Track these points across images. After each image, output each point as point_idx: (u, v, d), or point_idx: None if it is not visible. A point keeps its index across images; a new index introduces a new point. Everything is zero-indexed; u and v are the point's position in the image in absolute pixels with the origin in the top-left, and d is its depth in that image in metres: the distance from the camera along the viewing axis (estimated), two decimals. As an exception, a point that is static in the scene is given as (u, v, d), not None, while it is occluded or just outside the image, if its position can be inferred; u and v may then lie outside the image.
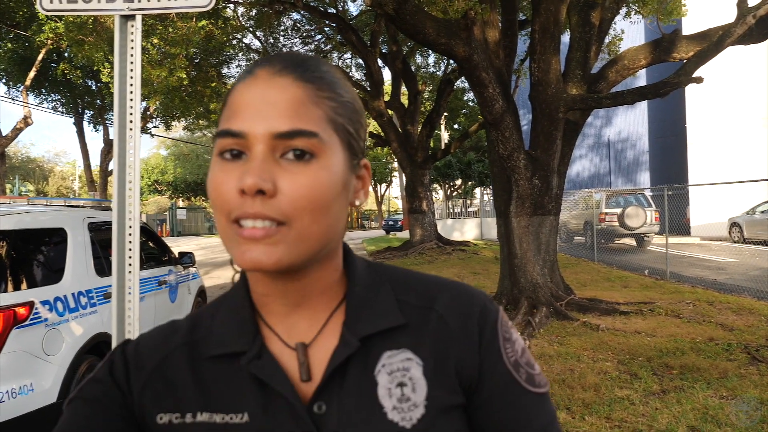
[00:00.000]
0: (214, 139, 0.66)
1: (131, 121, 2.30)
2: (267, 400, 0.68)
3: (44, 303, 3.89)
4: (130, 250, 2.29)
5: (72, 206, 5.49)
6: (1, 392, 3.46)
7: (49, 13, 2.30)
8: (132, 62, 2.32)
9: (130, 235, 2.28)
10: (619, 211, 17.57)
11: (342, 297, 0.73)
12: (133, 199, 2.28)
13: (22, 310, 3.67)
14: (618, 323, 7.00)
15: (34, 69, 21.30)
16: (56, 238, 4.37)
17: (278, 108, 0.63)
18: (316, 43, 21.39)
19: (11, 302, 3.63)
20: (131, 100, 2.30)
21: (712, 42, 6.45)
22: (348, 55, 22.53)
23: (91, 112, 28.71)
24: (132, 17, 2.32)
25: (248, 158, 0.63)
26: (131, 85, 2.31)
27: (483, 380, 0.70)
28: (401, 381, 0.68)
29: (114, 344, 2.36)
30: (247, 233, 0.61)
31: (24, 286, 3.84)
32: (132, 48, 2.32)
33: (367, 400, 0.67)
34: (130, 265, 2.29)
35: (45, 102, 26.53)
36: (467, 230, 27.04)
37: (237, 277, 0.77)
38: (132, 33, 2.32)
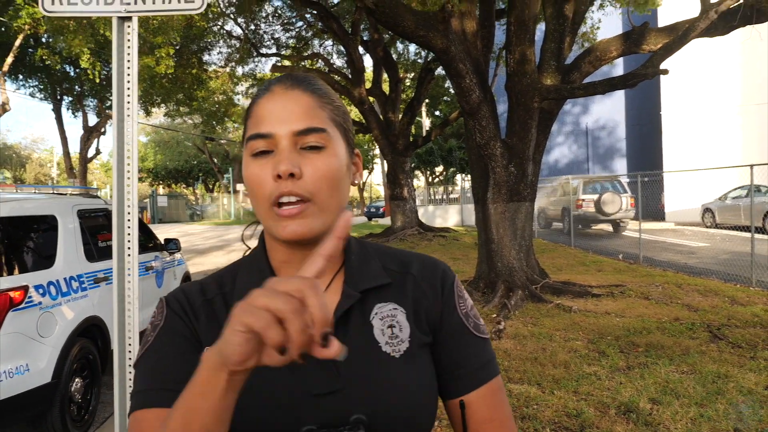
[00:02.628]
0: (245, 143, 0.86)
1: (128, 115, 2.48)
2: None
3: (37, 287, 4.04)
4: (128, 234, 2.47)
5: (60, 194, 5.61)
6: (-1, 372, 3.62)
7: (51, 15, 2.46)
8: (129, 60, 2.49)
9: (128, 220, 2.46)
10: (595, 197, 17.91)
11: (340, 264, 0.93)
12: (132, 188, 2.46)
13: (17, 294, 3.82)
14: (590, 305, 7.30)
15: (11, 55, 21.03)
16: (47, 224, 4.51)
17: (295, 113, 0.84)
18: (297, 30, 21.41)
19: (6, 286, 3.77)
20: (128, 96, 2.47)
21: (678, 35, 6.72)
22: (329, 43, 22.58)
23: (70, 99, 28.41)
24: (129, 18, 2.49)
25: (276, 153, 0.82)
26: (128, 81, 2.49)
27: (443, 325, 0.93)
28: (391, 324, 0.89)
29: (115, 324, 2.55)
30: (286, 212, 0.81)
31: (17, 271, 3.98)
32: (129, 47, 2.49)
33: (366, 337, 0.87)
34: (129, 248, 2.48)
35: (22, 88, 26.23)
36: (449, 217, 27.34)
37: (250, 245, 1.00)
38: (129, 33, 2.49)
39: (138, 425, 0.80)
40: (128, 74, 2.48)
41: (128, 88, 2.46)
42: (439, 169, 36.09)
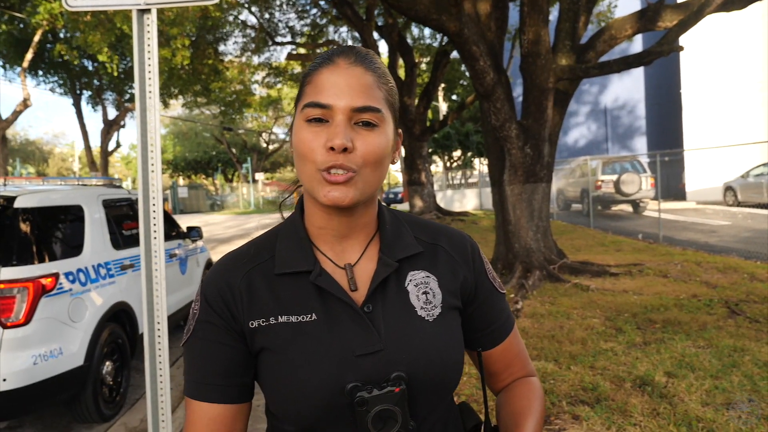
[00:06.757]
0: (300, 108, 0.92)
1: (150, 97, 2.59)
2: (328, 304, 0.94)
3: (67, 274, 4.19)
4: (154, 219, 2.59)
5: (86, 185, 5.78)
6: (34, 355, 3.78)
7: (74, 9, 2.57)
8: (149, 51, 2.60)
9: (153, 205, 2.58)
10: (614, 177, 17.79)
11: (374, 232, 1.02)
12: (156, 174, 2.57)
13: (48, 281, 3.98)
14: (607, 284, 7.34)
15: (31, 51, 21.30)
16: (74, 214, 4.66)
17: (355, 89, 0.89)
18: (311, 17, 21.44)
19: (38, 273, 3.93)
20: (150, 86, 2.58)
21: (693, 11, 6.68)
22: (344, 29, 22.57)
23: (89, 93, 28.74)
24: (148, 11, 2.60)
25: (331, 124, 0.88)
26: (149, 72, 2.59)
27: (478, 290, 1.06)
28: (425, 290, 0.98)
29: (144, 307, 2.67)
30: (332, 178, 0.87)
31: (47, 259, 4.13)
32: (149, 38, 2.59)
33: (403, 302, 0.97)
34: (155, 233, 2.60)
35: (42, 83, 26.58)
36: (467, 201, 27.34)
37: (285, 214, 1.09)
38: (148, 25, 2.59)
39: (193, 414, 0.94)
40: (149, 65, 2.58)
41: (149, 78, 2.57)
42: (457, 153, 35.99)
